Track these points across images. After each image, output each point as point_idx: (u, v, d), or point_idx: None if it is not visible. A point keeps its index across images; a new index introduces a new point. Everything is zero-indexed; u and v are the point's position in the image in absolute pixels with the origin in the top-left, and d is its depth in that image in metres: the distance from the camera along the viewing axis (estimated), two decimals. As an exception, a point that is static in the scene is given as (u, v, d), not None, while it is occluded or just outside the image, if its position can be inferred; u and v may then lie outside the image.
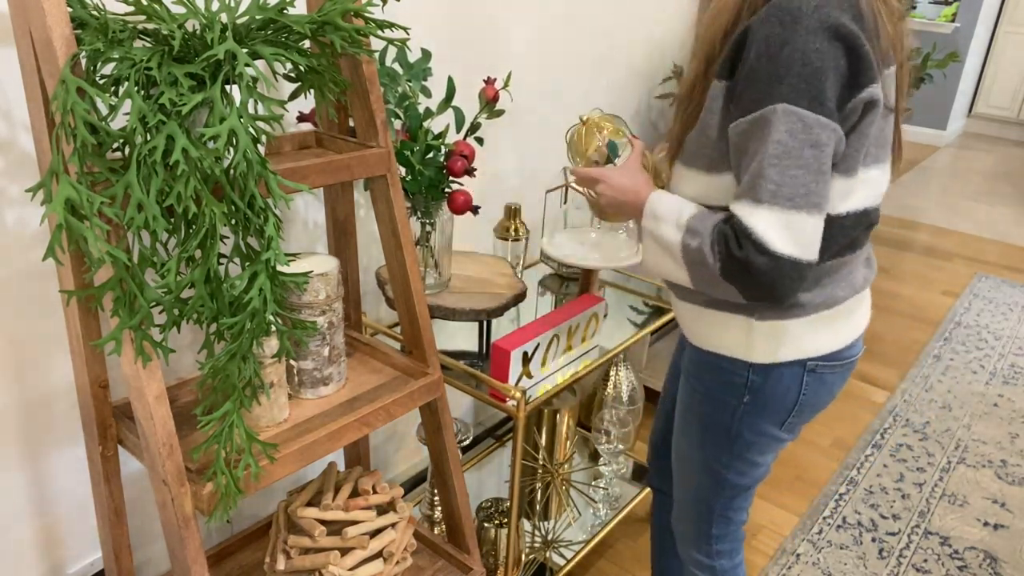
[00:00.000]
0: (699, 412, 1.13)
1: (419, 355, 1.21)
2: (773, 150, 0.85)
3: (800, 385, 1.05)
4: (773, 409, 1.07)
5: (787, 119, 0.84)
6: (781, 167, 0.85)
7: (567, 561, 1.64)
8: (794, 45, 0.83)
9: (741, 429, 1.09)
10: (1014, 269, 3.77)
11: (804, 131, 0.84)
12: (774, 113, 0.85)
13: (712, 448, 1.13)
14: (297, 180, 0.94)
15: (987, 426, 2.47)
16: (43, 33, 0.77)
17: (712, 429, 1.11)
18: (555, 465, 1.75)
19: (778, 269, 0.87)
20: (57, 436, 1.16)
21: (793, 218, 0.86)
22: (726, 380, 1.07)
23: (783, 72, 0.84)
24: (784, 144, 0.85)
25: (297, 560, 1.15)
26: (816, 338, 1.02)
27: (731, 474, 1.14)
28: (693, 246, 0.93)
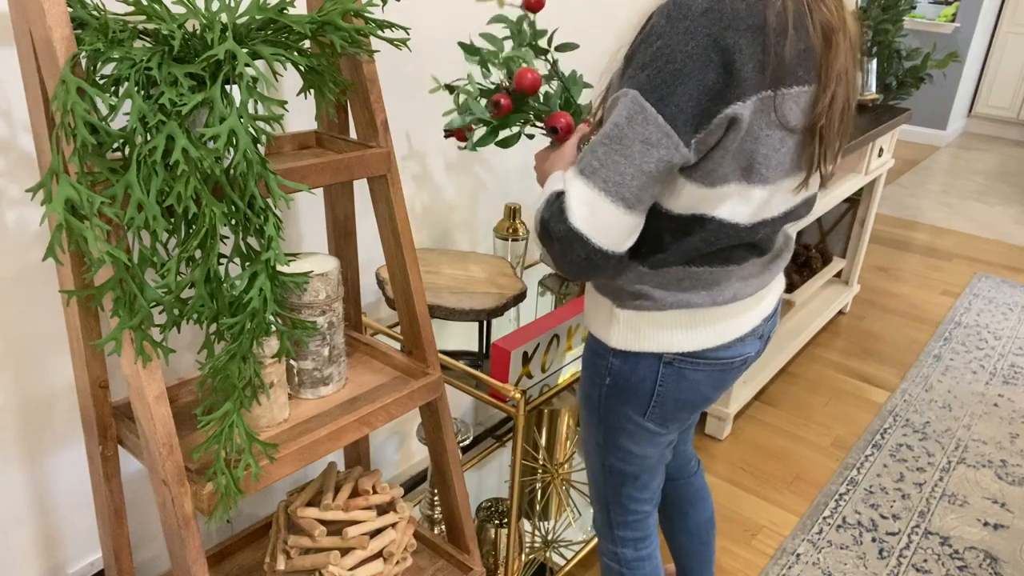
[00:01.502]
0: (582, 390, 1.15)
1: (419, 355, 1.21)
2: (610, 130, 0.86)
3: (656, 376, 1.05)
4: (631, 396, 1.08)
5: (632, 106, 0.84)
6: (609, 149, 0.86)
7: (567, 561, 1.64)
8: (666, 41, 0.83)
9: (607, 412, 1.11)
10: (1014, 269, 3.77)
11: (642, 124, 0.84)
12: (625, 96, 0.85)
13: (590, 429, 1.16)
14: (297, 180, 0.94)
15: (987, 426, 2.47)
16: (43, 33, 0.77)
17: (587, 408, 1.15)
18: (555, 465, 1.75)
19: (568, 242, 0.88)
20: (57, 436, 1.16)
21: (598, 200, 0.86)
22: (596, 361, 1.10)
23: (648, 62, 0.84)
24: (620, 128, 0.85)
25: (297, 560, 1.15)
26: (671, 335, 1.03)
27: (611, 459, 1.17)
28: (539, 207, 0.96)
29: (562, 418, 1.73)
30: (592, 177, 0.87)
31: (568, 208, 0.88)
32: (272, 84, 0.81)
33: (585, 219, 0.87)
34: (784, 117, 0.88)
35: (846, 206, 3.02)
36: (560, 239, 0.89)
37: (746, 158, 0.89)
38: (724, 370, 1.08)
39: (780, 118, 0.88)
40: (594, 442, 1.17)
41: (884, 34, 2.71)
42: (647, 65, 0.84)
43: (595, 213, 0.87)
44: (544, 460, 1.74)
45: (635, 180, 0.86)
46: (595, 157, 0.87)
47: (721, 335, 1.05)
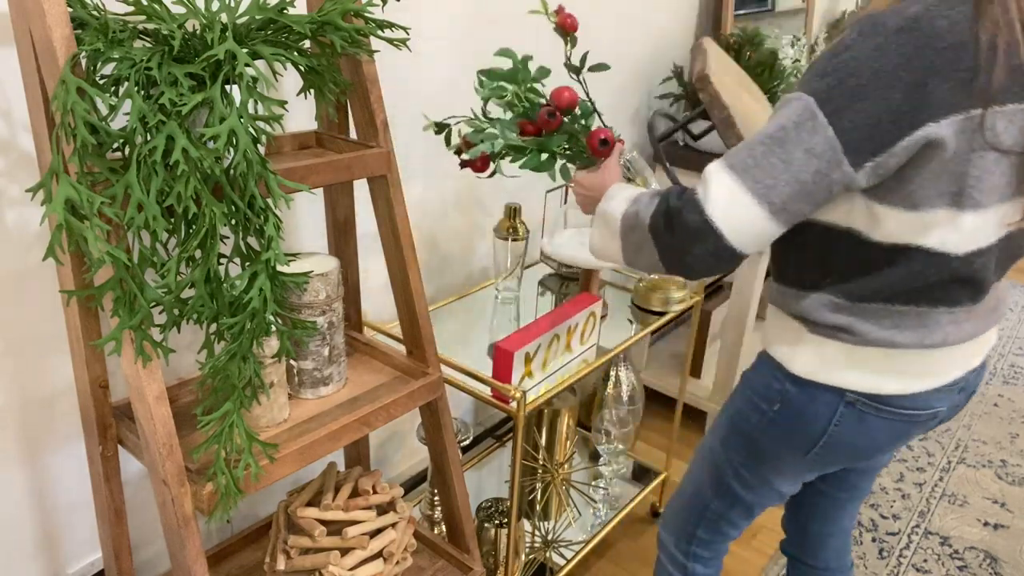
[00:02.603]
0: (735, 406, 1.08)
1: (419, 355, 1.21)
2: (774, 131, 0.81)
3: (833, 415, 0.96)
4: (799, 430, 0.99)
5: (804, 112, 0.80)
6: (768, 149, 0.81)
7: (567, 561, 1.64)
8: (854, 54, 0.78)
9: (763, 438, 1.03)
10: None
11: (810, 132, 0.79)
12: (799, 99, 0.80)
13: (730, 447, 1.09)
14: (297, 180, 0.94)
15: (987, 426, 2.47)
16: (43, 33, 0.77)
17: (737, 428, 1.07)
18: (555, 465, 1.75)
19: (702, 233, 0.84)
20: (57, 436, 1.16)
21: (743, 198, 0.82)
22: (766, 382, 1.01)
23: (829, 71, 0.79)
24: (786, 132, 0.80)
25: (297, 560, 1.15)
26: (862, 373, 0.94)
27: (737, 483, 1.10)
28: (631, 211, 0.93)
29: (562, 418, 1.73)
30: (743, 174, 0.82)
31: (708, 199, 0.83)
32: (272, 84, 0.81)
33: (724, 214, 0.83)
34: (996, 137, 0.81)
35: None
36: (690, 231, 0.85)
37: (956, 182, 0.82)
38: (908, 423, 0.97)
39: (991, 139, 0.81)
40: (724, 460, 1.10)
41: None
42: (828, 74, 0.79)
43: (737, 210, 0.82)
44: (544, 460, 1.74)
45: (788, 187, 0.81)
46: (751, 154, 0.82)
47: (918, 381, 0.94)
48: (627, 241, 0.94)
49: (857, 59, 0.78)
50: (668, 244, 0.88)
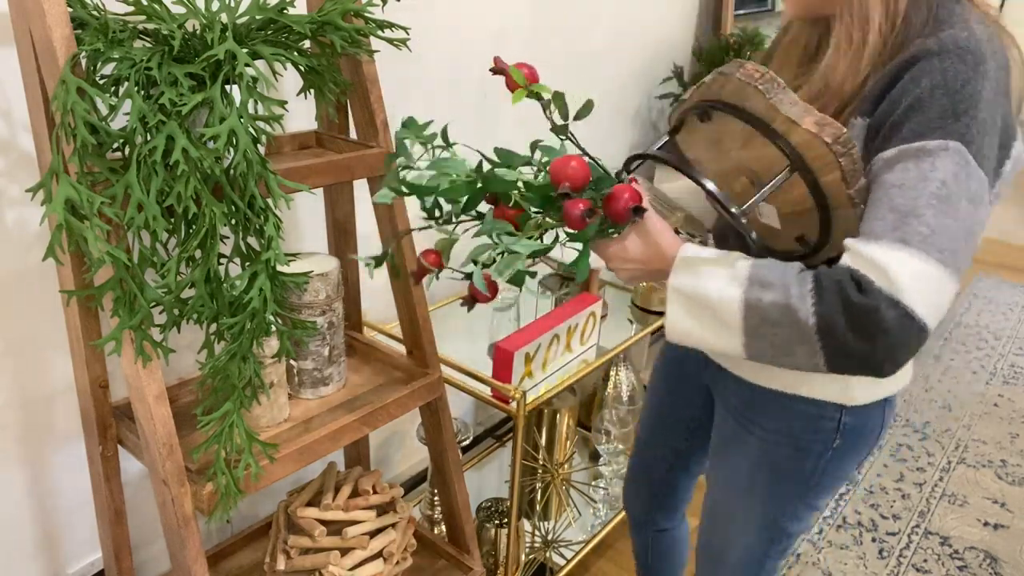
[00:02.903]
0: (772, 460, 1.00)
1: (419, 355, 1.21)
2: (936, 189, 0.71)
3: (883, 419, 0.98)
4: (860, 449, 0.98)
5: (956, 159, 0.72)
6: (939, 211, 0.71)
7: (567, 561, 1.64)
8: (976, 87, 0.73)
9: (824, 475, 0.98)
10: (1014, 269, 3.77)
11: (967, 180, 0.72)
12: (945, 149, 0.72)
13: (781, 499, 1.02)
14: (297, 180, 0.94)
15: (987, 426, 2.47)
16: (43, 33, 0.77)
17: (788, 478, 1.00)
18: (555, 465, 1.75)
19: (905, 331, 0.70)
20: (57, 436, 1.16)
21: (937, 275, 0.71)
22: (813, 425, 0.95)
23: (961, 110, 0.73)
24: (948, 187, 0.72)
25: (297, 560, 1.15)
26: (904, 372, 0.96)
27: (793, 525, 1.05)
28: (765, 301, 0.76)
29: (562, 418, 1.73)
30: (926, 247, 0.71)
31: (901, 290, 0.70)
32: (272, 84, 0.81)
33: (929, 301, 0.71)
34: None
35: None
36: (894, 329, 0.70)
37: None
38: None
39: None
40: (779, 512, 1.03)
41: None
42: (959, 113, 0.73)
43: (936, 292, 0.71)
44: (544, 460, 1.74)
45: (967, 246, 0.73)
46: (924, 223, 0.71)
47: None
48: (758, 337, 0.77)
49: (979, 91, 0.74)
50: (867, 352, 0.72)
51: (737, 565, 1.11)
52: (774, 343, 0.76)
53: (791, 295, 0.74)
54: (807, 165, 0.77)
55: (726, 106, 0.82)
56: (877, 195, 0.75)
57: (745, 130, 0.82)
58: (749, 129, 0.81)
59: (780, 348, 0.76)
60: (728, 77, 0.79)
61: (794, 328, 0.74)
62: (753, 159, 0.84)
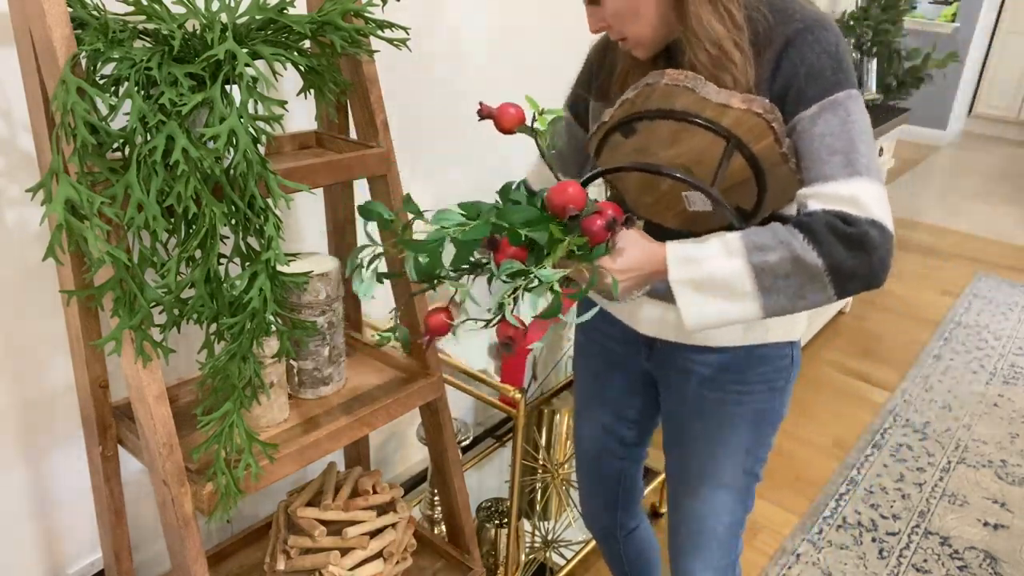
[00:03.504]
0: (748, 411, 1.08)
1: (419, 355, 1.21)
2: (859, 127, 0.88)
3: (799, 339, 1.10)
4: (795, 375, 1.10)
5: (857, 102, 0.89)
6: (865, 142, 0.88)
7: (567, 561, 1.64)
8: (843, 45, 0.91)
9: (782, 406, 1.11)
10: (1014, 269, 3.77)
11: (864, 114, 0.90)
12: (849, 97, 0.88)
13: (758, 446, 1.11)
14: (297, 180, 0.94)
15: (987, 426, 2.47)
16: (43, 33, 0.77)
17: (764, 420, 1.09)
18: (555, 465, 1.75)
19: (886, 241, 0.85)
20: (57, 436, 1.16)
21: (882, 192, 0.87)
22: (776, 365, 1.07)
23: (844, 65, 0.90)
24: (861, 123, 0.89)
25: (297, 560, 1.15)
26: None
27: (760, 466, 1.14)
28: (772, 260, 0.85)
29: (562, 418, 1.73)
30: (870, 172, 0.87)
31: (874, 212, 0.84)
32: (272, 84, 0.81)
33: (885, 212, 0.86)
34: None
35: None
36: (881, 245, 0.84)
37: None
38: None
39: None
40: (756, 460, 1.12)
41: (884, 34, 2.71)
42: (844, 68, 0.89)
43: (886, 201, 0.87)
44: (544, 460, 1.74)
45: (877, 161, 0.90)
46: (863, 155, 0.87)
47: None
48: (776, 294, 0.86)
49: (843, 48, 0.91)
50: (869, 267, 0.84)
51: (725, 534, 1.17)
52: (788, 293, 0.87)
53: (794, 247, 0.85)
54: (741, 140, 0.89)
55: (656, 112, 0.91)
56: (813, 146, 0.89)
57: (672, 130, 0.91)
58: (676, 127, 0.90)
59: (794, 296, 0.87)
60: (654, 86, 0.89)
61: (805, 273, 0.85)
62: (683, 154, 0.93)
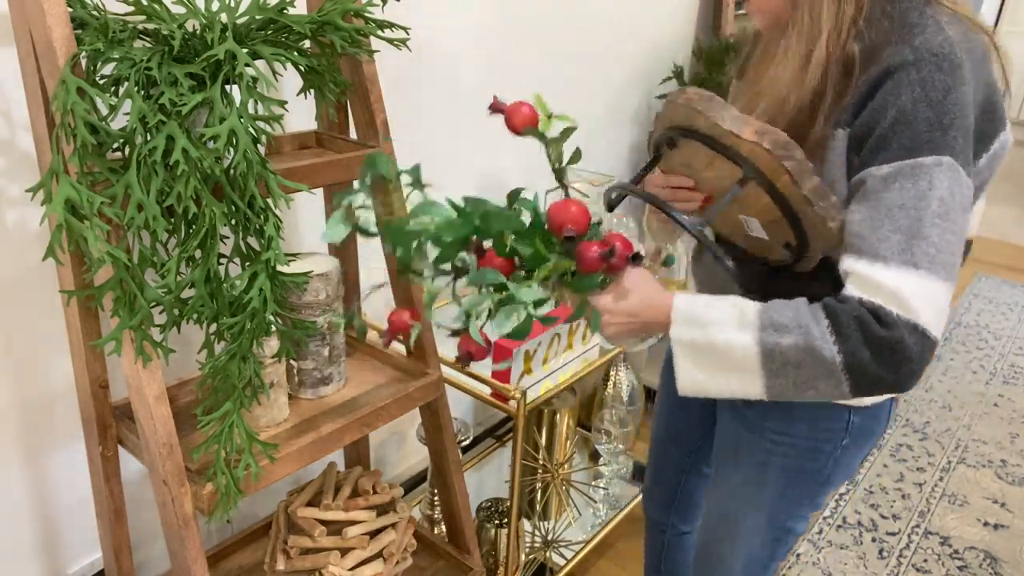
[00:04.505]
0: (783, 465, 1.00)
1: (419, 355, 1.21)
2: (936, 207, 0.73)
3: (888, 415, 1.00)
4: (866, 446, 1.00)
5: (951, 175, 0.74)
6: (942, 229, 0.74)
7: (567, 561, 1.64)
8: (957, 95, 0.74)
9: (833, 473, 1.00)
10: (1014, 269, 3.77)
11: (960, 192, 0.75)
12: (939, 166, 0.74)
13: (792, 500, 1.02)
14: (297, 180, 0.94)
15: (987, 426, 2.47)
16: (43, 33, 0.77)
17: (799, 479, 1.01)
18: (555, 465, 1.75)
19: (926, 351, 0.73)
20: (57, 436, 1.16)
21: (941, 291, 0.74)
22: (825, 426, 0.96)
23: (947, 122, 0.74)
24: (946, 204, 0.74)
25: (297, 560, 1.15)
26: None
27: (800, 524, 1.06)
28: (784, 344, 0.77)
29: (562, 418, 1.73)
30: (933, 267, 0.73)
31: (919, 314, 0.73)
32: (272, 84, 0.81)
33: (938, 319, 0.74)
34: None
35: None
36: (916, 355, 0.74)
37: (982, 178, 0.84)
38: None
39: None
40: (785, 514, 1.04)
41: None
42: (946, 126, 0.74)
43: (941, 308, 0.74)
44: (544, 460, 1.74)
45: (961, 251, 0.76)
46: (931, 244, 0.74)
47: None
48: (779, 377, 0.79)
49: (960, 100, 0.75)
50: (878, 378, 0.75)
51: (742, 570, 1.11)
52: (796, 381, 0.78)
53: (813, 336, 0.76)
54: (761, 172, 0.79)
55: (683, 131, 0.84)
56: (877, 215, 0.76)
57: (707, 151, 0.84)
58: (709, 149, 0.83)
59: (803, 385, 0.78)
60: (674, 104, 0.82)
61: (819, 366, 0.76)
62: (723, 177, 0.86)
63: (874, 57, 0.78)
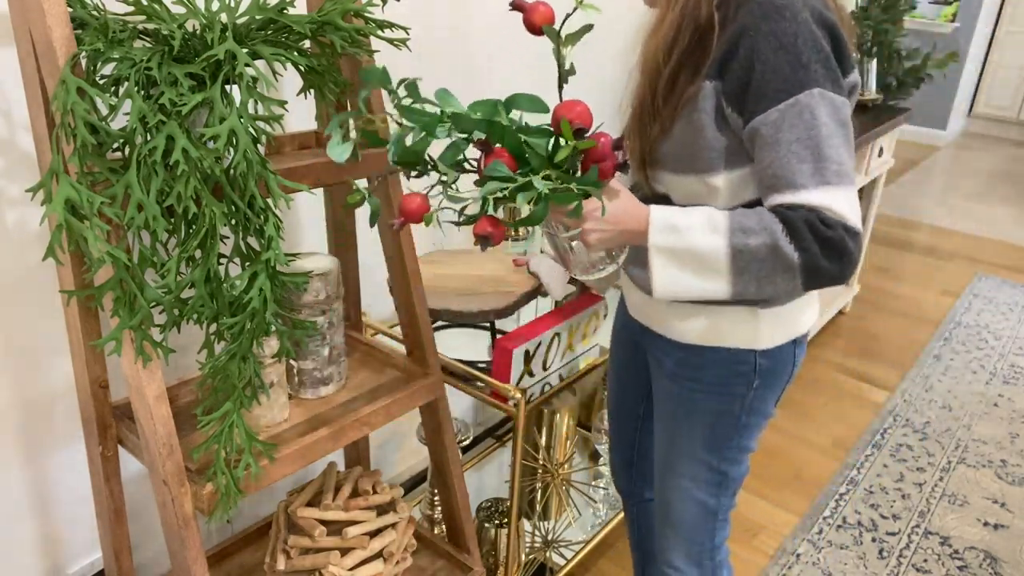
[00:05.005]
0: (703, 409, 1.10)
1: (419, 355, 1.21)
2: (825, 132, 0.87)
3: (794, 357, 1.10)
4: (776, 387, 1.10)
5: (824, 101, 0.88)
6: (835, 146, 0.88)
7: (567, 561, 1.64)
8: (804, 35, 0.87)
9: (749, 414, 1.10)
10: (1014, 269, 3.77)
11: (836, 111, 0.88)
12: (812, 97, 0.87)
13: (718, 445, 1.11)
14: (297, 180, 0.94)
15: (987, 426, 2.47)
16: (43, 33, 0.77)
17: (720, 424, 1.10)
18: (555, 465, 1.75)
19: (858, 247, 0.89)
20: (57, 436, 1.16)
21: (852, 195, 0.89)
22: (732, 369, 1.06)
23: (805, 60, 0.87)
24: (830, 126, 0.88)
25: (297, 560, 1.15)
26: (805, 316, 1.09)
27: (733, 468, 1.14)
28: (753, 244, 0.88)
29: (562, 418, 1.73)
30: (841, 180, 0.88)
31: (848, 221, 0.87)
32: (272, 84, 0.81)
33: (856, 216, 0.88)
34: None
35: (846, 206, 3.02)
36: (854, 251, 0.88)
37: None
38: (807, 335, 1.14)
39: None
40: (720, 458, 1.12)
41: (884, 34, 2.71)
42: (806, 63, 0.87)
43: (856, 208, 0.89)
44: (544, 460, 1.74)
45: (853, 160, 0.90)
46: (832, 162, 0.87)
47: (815, 303, 1.11)
48: (747, 276, 0.90)
49: (808, 38, 0.88)
50: (839, 271, 0.89)
51: (693, 523, 1.19)
52: (759, 278, 0.91)
53: (777, 236, 0.88)
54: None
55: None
56: (781, 154, 0.89)
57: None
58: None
59: (764, 280, 0.91)
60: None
61: (779, 263, 0.88)
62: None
63: (728, 16, 0.91)
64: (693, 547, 1.21)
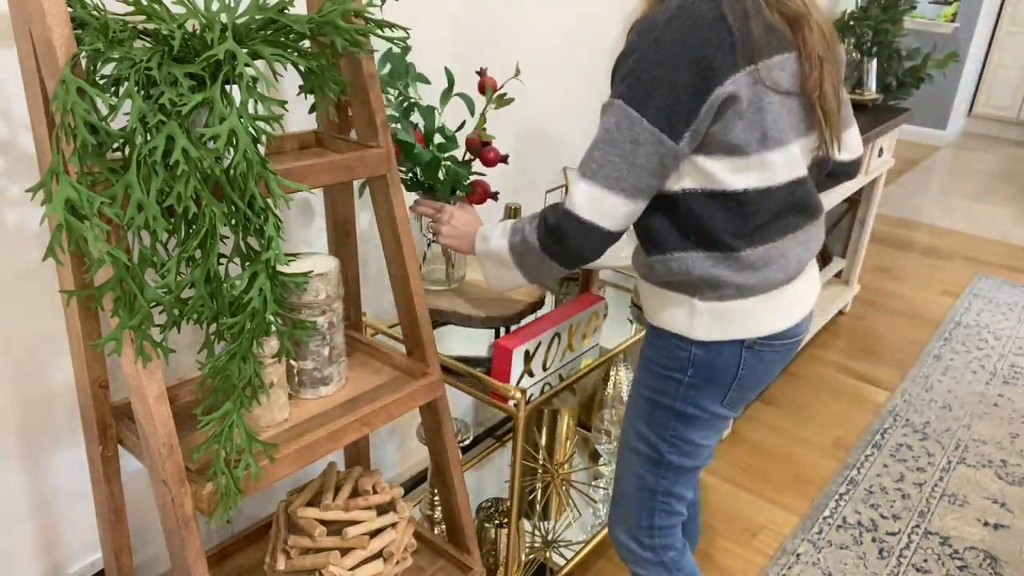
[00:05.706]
0: (648, 384, 1.18)
1: (419, 355, 1.21)
2: (601, 135, 0.99)
3: (739, 361, 1.11)
4: (714, 384, 1.13)
5: (618, 113, 0.97)
6: (604, 151, 0.98)
7: (567, 561, 1.64)
8: (640, 53, 0.96)
9: (684, 404, 1.14)
10: (1014, 269, 3.77)
11: (629, 127, 0.96)
12: (611, 105, 0.98)
13: (657, 425, 1.18)
14: (297, 180, 0.94)
15: (987, 426, 2.47)
16: (43, 33, 0.77)
17: (659, 403, 1.17)
18: (555, 465, 1.75)
19: (583, 232, 1.01)
20: (57, 436, 1.16)
21: (603, 195, 0.99)
22: (672, 353, 1.13)
23: (626, 74, 0.97)
24: (610, 132, 0.98)
25: (297, 560, 1.15)
26: (758, 320, 1.10)
27: (675, 453, 1.18)
28: (517, 240, 1.10)
29: (562, 418, 1.73)
30: (594, 177, 1.00)
31: (575, 206, 1.01)
32: (272, 84, 0.81)
33: (596, 212, 1.00)
34: (775, 82, 0.99)
35: (846, 206, 3.02)
36: (575, 235, 1.02)
37: (759, 128, 0.99)
38: (791, 348, 1.17)
39: (772, 84, 0.98)
40: (657, 439, 1.19)
41: (884, 34, 2.71)
42: (627, 76, 0.96)
43: (603, 206, 1.00)
44: (544, 460, 1.74)
45: (631, 174, 0.99)
46: (593, 160, 1.00)
47: (799, 309, 1.14)
48: (526, 266, 1.12)
49: (644, 57, 0.95)
50: (562, 252, 1.06)
51: (632, 496, 1.26)
52: (532, 265, 1.11)
53: (526, 231, 1.09)
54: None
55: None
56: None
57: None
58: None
59: (535, 268, 1.11)
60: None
61: (533, 251, 1.08)
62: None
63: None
64: (631, 520, 1.27)
